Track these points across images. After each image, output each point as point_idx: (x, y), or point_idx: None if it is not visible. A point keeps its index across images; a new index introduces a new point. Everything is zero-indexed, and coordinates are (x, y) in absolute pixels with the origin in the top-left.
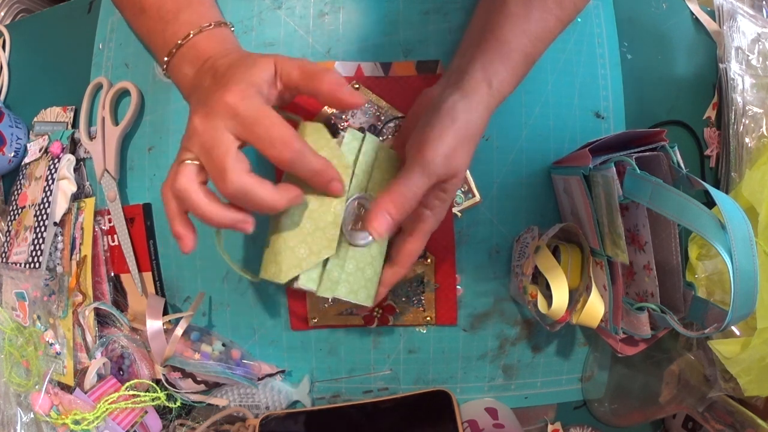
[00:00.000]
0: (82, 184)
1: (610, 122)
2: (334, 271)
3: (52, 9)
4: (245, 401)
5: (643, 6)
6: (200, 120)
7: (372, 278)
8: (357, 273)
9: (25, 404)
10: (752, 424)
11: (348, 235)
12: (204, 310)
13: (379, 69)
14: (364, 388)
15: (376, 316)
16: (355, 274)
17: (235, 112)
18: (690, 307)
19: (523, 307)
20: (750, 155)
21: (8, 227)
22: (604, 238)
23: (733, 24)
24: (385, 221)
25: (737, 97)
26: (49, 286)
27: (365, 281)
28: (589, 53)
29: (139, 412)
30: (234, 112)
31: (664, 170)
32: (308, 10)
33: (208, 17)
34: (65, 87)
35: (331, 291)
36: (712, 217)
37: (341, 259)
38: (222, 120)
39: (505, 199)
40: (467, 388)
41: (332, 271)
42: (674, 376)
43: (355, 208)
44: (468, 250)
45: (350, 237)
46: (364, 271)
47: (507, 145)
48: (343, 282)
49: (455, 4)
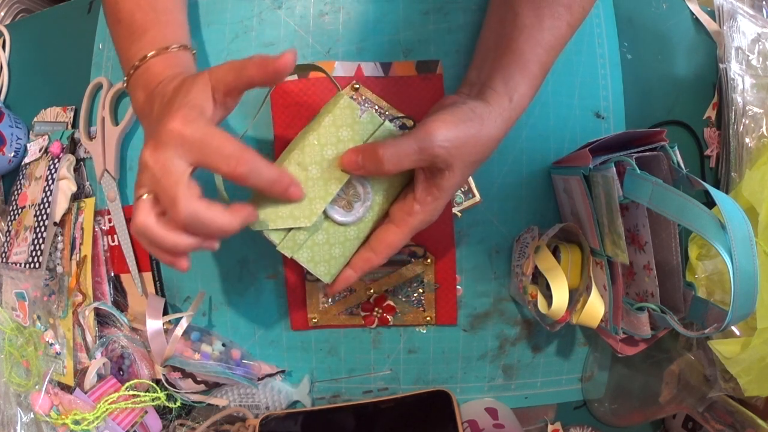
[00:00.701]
0: (82, 184)
1: (610, 122)
2: (300, 234)
3: (52, 9)
4: (245, 401)
5: (643, 6)
6: (150, 153)
7: (338, 258)
8: (324, 246)
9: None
10: (752, 424)
11: (329, 206)
12: (204, 310)
13: (379, 69)
14: (364, 388)
15: (376, 316)
16: (321, 246)
17: (182, 139)
18: (690, 307)
19: (523, 307)
20: (750, 155)
21: (8, 227)
22: (604, 238)
23: (733, 24)
24: (351, 158)
25: (737, 97)
26: (49, 286)
27: (330, 258)
28: (589, 53)
29: (139, 412)
30: (181, 139)
31: (664, 170)
32: (308, 10)
33: (172, 39)
34: (65, 87)
35: (290, 251)
36: (712, 217)
37: (314, 226)
38: (171, 149)
39: (505, 199)
40: (467, 388)
41: (298, 234)
42: (674, 376)
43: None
44: (468, 250)
45: (330, 209)
46: (333, 248)
47: (507, 145)
48: (306, 248)
49: (455, 4)
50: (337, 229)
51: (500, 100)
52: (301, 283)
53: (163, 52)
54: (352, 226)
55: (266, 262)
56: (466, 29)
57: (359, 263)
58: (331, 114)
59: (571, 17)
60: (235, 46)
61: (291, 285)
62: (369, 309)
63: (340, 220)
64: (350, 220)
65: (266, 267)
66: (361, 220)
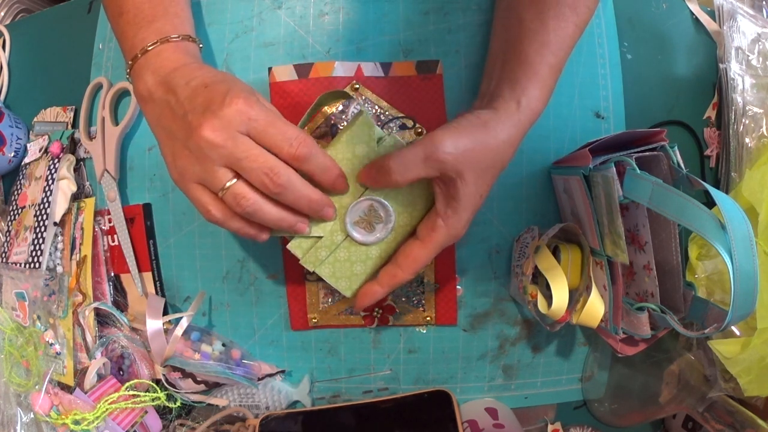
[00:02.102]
0: (82, 184)
1: (610, 122)
2: (323, 250)
3: (52, 9)
4: (245, 401)
5: (643, 6)
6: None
7: (359, 275)
8: (345, 263)
9: (25, 404)
10: (752, 424)
11: (350, 226)
12: (204, 310)
13: (379, 69)
14: (364, 388)
15: (376, 316)
16: (342, 263)
17: (249, 119)
18: (690, 307)
19: (523, 307)
20: (750, 155)
21: (8, 227)
22: (604, 238)
23: (733, 24)
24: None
25: (737, 97)
26: (49, 286)
27: (351, 274)
28: (589, 53)
29: (139, 412)
30: (248, 119)
31: (664, 170)
32: (308, 10)
33: (180, 30)
34: (65, 87)
35: (312, 265)
36: (712, 217)
37: (335, 243)
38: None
39: (505, 199)
40: (467, 388)
41: (321, 250)
42: (674, 376)
43: (366, 207)
44: (468, 250)
45: (351, 228)
46: (354, 265)
47: None
48: (328, 264)
49: (455, 4)
50: (358, 248)
51: (507, 105)
52: (301, 283)
53: (173, 40)
54: (374, 246)
55: (266, 262)
56: (466, 29)
57: (385, 279)
58: (349, 131)
59: (577, 17)
60: (235, 46)
61: (291, 285)
62: (369, 309)
63: (360, 240)
64: (370, 240)
65: (266, 267)
66: (383, 241)
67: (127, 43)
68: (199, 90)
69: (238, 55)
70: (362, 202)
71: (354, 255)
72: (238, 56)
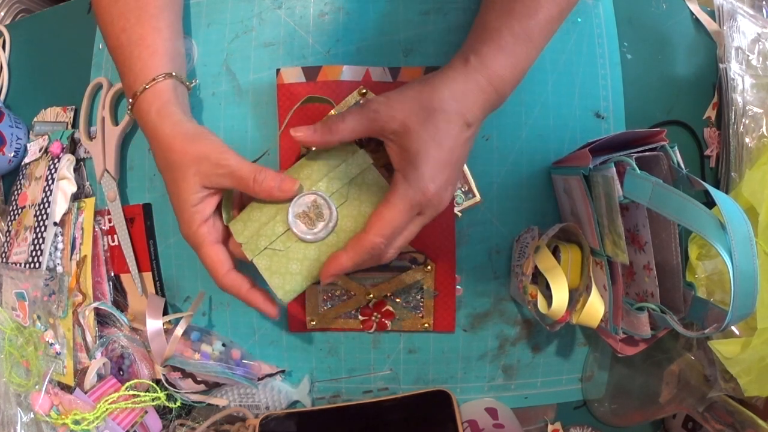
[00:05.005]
0: (82, 184)
1: (610, 122)
2: (263, 239)
3: (52, 9)
4: (245, 401)
5: (643, 6)
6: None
7: (293, 274)
8: (282, 259)
9: (25, 404)
10: (752, 424)
11: (292, 218)
12: (204, 310)
13: (387, 74)
14: (364, 388)
15: (375, 320)
16: (279, 258)
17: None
18: (690, 307)
19: (523, 307)
20: (750, 155)
21: (8, 227)
22: (604, 238)
23: (733, 24)
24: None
25: (737, 97)
26: (49, 286)
27: (286, 272)
28: (589, 53)
29: (139, 412)
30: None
31: (664, 170)
32: (308, 10)
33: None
34: (65, 87)
35: (251, 253)
36: (712, 217)
37: (275, 234)
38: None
39: (505, 199)
40: (467, 388)
41: (261, 239)
42: (674, 376)
43: (310, 202)
44: (468, 250)
45: (292, 220)
46: (290, 263)
47: (507, 145)
48: (266, 256)
49: (455, 4)
50: (297, 245)
51: (452, 63)
52: None
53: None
54: (312, 246)
55: None
56: (466, 29)
57: (351, 243)
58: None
59: None
60: (235, 46)
61: None
62: (368, 314)
63: (300, 235)
64: (309, 237)
65: None
66: (324, 243)
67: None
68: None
69: (238, 55)
70: (307, 195)
71: (292, 251)
72: (238, 56)
